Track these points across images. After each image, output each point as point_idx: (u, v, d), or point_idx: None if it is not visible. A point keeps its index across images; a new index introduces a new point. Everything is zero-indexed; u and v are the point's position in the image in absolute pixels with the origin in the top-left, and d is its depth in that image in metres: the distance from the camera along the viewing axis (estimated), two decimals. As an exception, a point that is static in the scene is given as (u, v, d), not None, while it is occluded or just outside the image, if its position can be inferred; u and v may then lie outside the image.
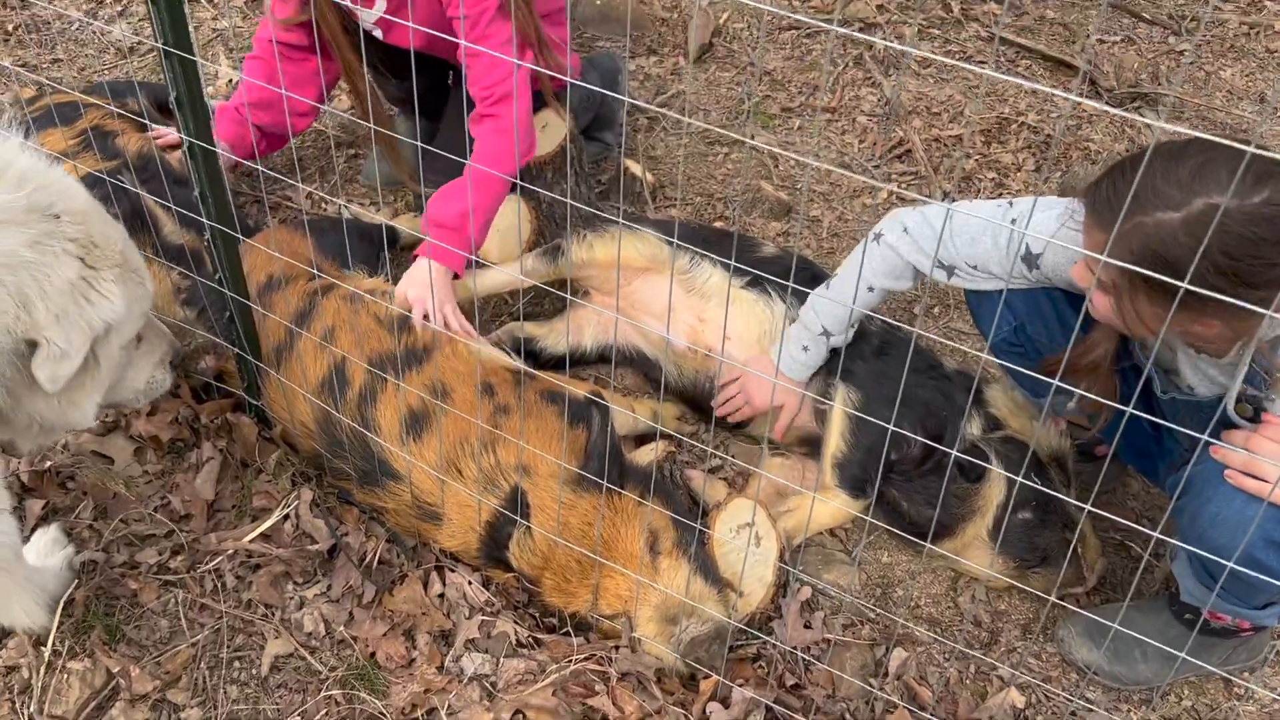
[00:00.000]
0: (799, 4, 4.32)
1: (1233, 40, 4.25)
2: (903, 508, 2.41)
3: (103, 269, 1.75)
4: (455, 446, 2.13)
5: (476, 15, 2.48)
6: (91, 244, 1.74)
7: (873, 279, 2.21)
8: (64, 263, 1.68)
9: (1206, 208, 1.56)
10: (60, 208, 1.71)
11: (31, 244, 1.64)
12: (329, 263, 2.59)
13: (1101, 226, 1.69)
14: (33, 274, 1.64)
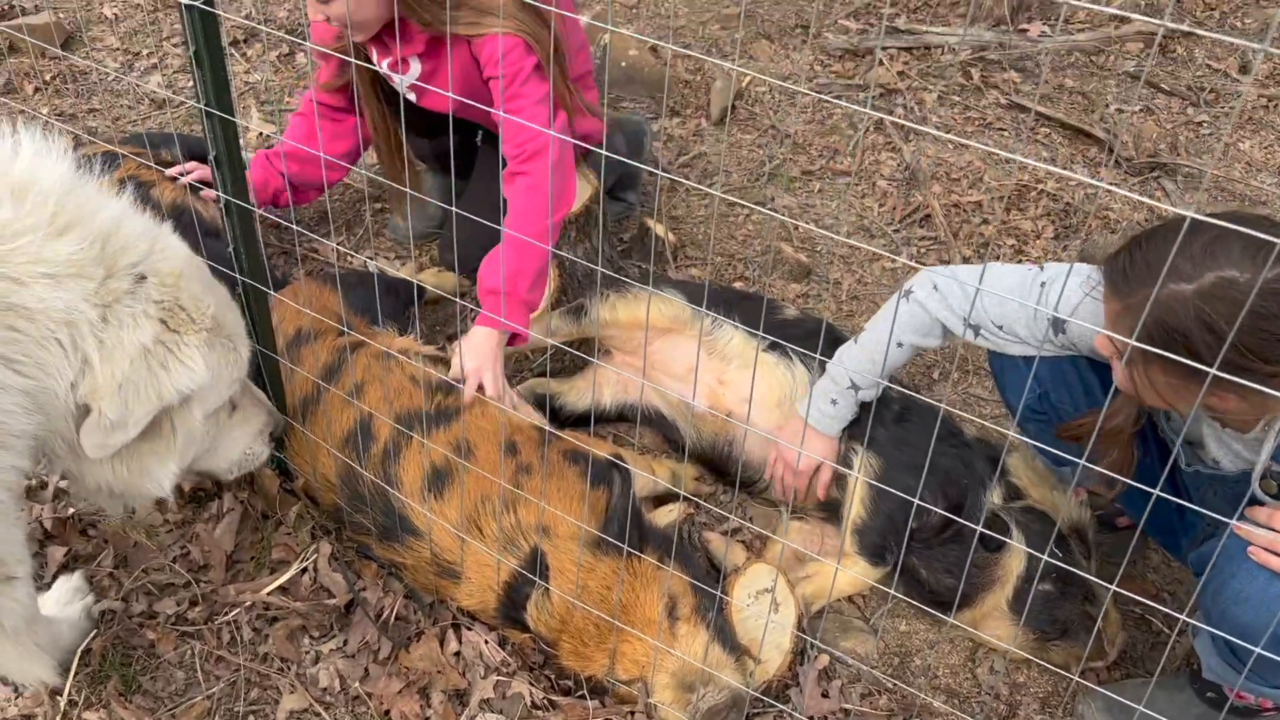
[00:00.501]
0: (820, 69, 4.39)
1: (1251, 113, 4.29)
2: (922, 576, 2.40)
3: (186, 334, 1.68)
4: (476, 505, 2.14)
5: (512, 75, 2.54)
6: (178, 307, 1.68)
7: (901, 335, 2.22)
8: (140, 327, 1.62)
9: (1218, 280, 1.57)
10: (150, 267, 1.66)
11: (100, 301, 1.59)
12: (358, 318, 2.62)
13: (1117, 297, 1.72)
14: (96, 333, 1.58)
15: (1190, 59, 4.59)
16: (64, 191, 1.60)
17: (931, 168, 3.84)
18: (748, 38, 4.58)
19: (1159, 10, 4.90)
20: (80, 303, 1.57)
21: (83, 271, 1.58)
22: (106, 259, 1.61)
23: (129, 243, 1.66)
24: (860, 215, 3.67)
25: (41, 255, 1.54)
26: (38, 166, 1.60)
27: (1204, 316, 1.57)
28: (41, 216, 1.55)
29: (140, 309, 1.63)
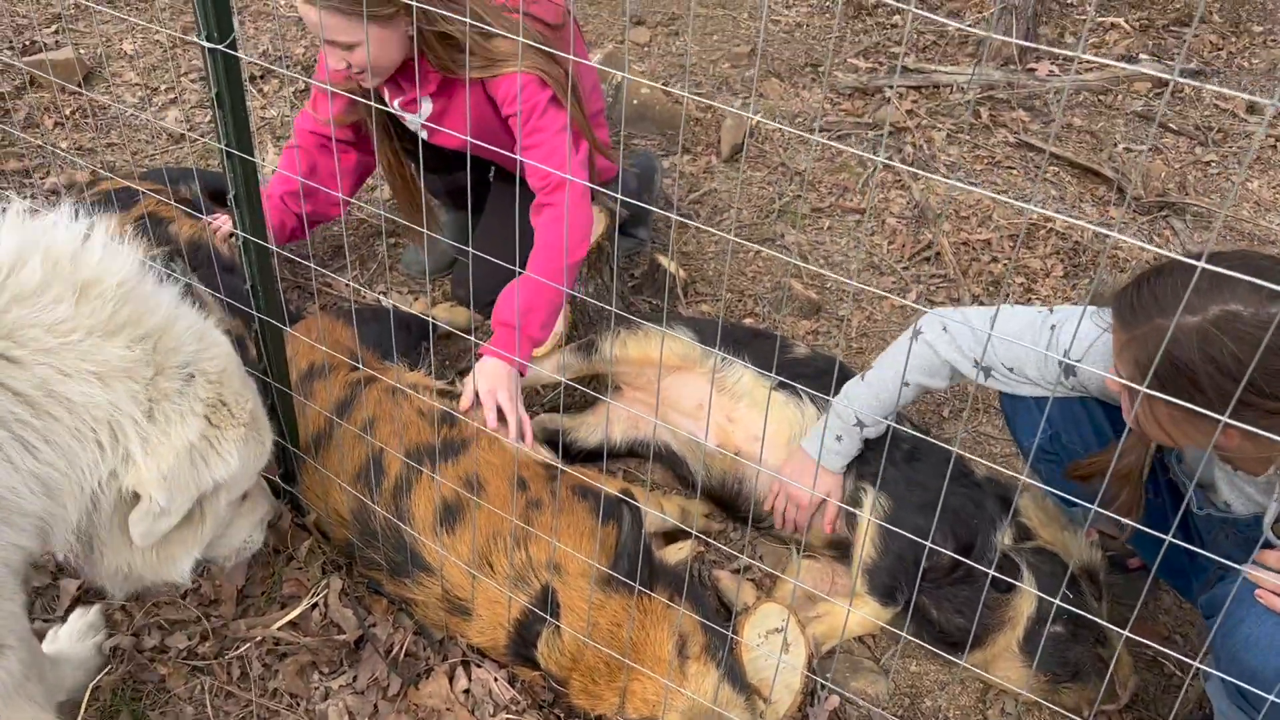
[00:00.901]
0: (830, 107, 4.43)
1: (1260, 153, 4.31)
2: (932, 616, 2.39)
3: (227, 429, 1.74)
4: (488, 541, 2.14)
5: (530, 109, 2.57)
6: (220, 404, 1.74)
7: (910, 375, 2.24)
8: (188, 424, 1.68)
9: (1222, 314, 1.59)
10: (198, 367, 1.72)
11: (147, 398, 1.63)
12: (370, 353, 2.64)
13: (1124, 329, 1.74)
14: (140, 429, 1.63)
15: (1198, 99, 4.62)
16: (125, 292, 1.63)
17: (941, 206, 3.87)
18: (758, 76, 4.62)
19: (1166, 51, 4.94)
20: (126, 401, 1.61)
21: (131, 373, 1.62)
22: (157, 359, 1.66)
23: (179, 342, 1.70)
24: (870, 252, 3.69)
25: (92, 354, 1.58)
26: (106, 264, 1.64)
27: (1208, 349, 1.59)
28: (99, 317, 1.59)
29: (188, 407, 1.69)
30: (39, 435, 1.54)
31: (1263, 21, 5.24)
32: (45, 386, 1.54)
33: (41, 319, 1.54)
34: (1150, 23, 5.16)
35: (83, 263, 1.62)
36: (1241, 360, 1.57)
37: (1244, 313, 1.58)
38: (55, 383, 1.54)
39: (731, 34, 4.94)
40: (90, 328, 1.59)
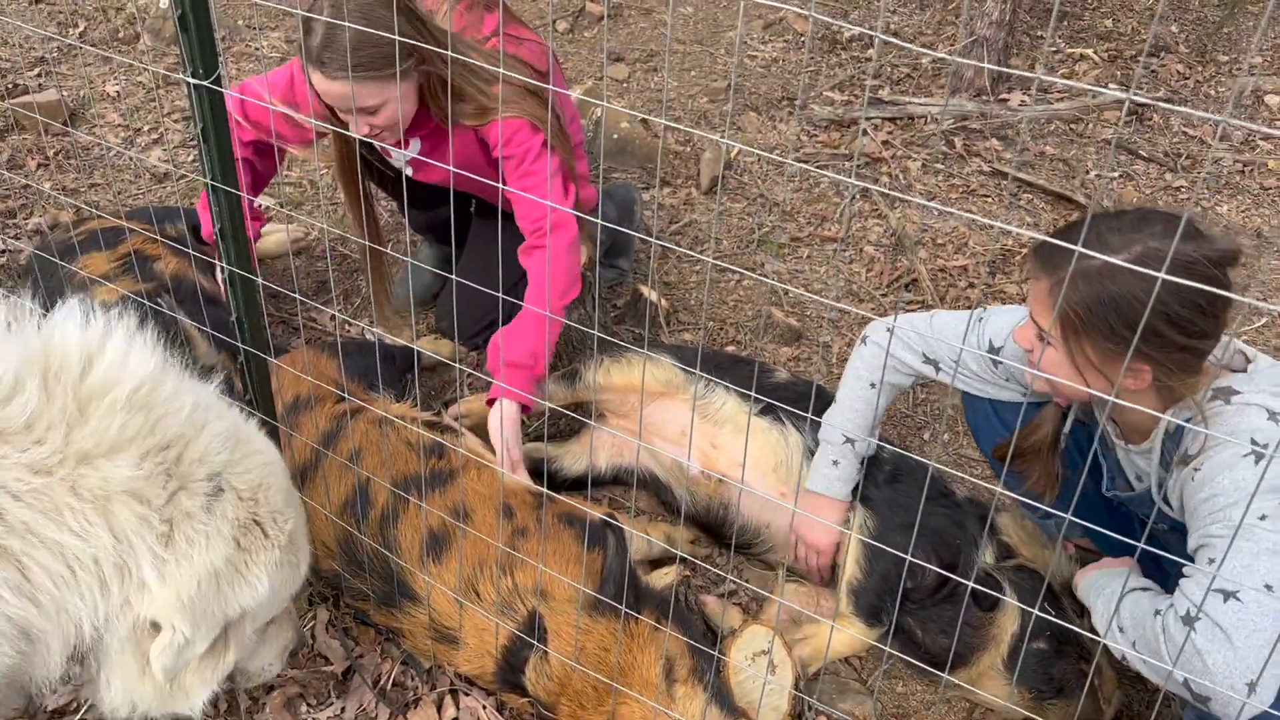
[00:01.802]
0: (807, 139, 4.50)
1: (1228, 178, 4.40)
2: (918, 636, 2.41)
3: (258, 554, 1.59)
4: (474, 569, 2.15)
5: (523, 154, 2.61)
6: (253, 524, 1.59)
7: (871, 376, 2.34)
8: (213, 547, 1.52)
9: (1146, 249, 1.73)
10: (228, 479, 1.57)
11: (163, 519, 1.47)
12: (356, 385, 2.66)
13: (1047, 273, 1.85)
14: (156, 554, 1.47)
15: (1167, 126, 4.72)
16: (139, 399, 1.49)
17: (917, 233, 3.93)
18: (736, 110, 4.70)
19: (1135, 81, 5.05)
20: (134, 527, 1.45)
21: (140, 493, 1.46)
22: (179, 471, 1.51)
23: (208, 451, 1.55)
24: (849, 280, 3.74)
25: (86, 483, 1.43)
26: (116, 372, 1.49)
27: (1138, 280, 1.71)
28: (103, 436, 1.45)
29: (214, 528, 1.53)
30: (9, 586, 1.38)
31: (1228, 51, 5.36)
32: (26, 531, 1.39)
33: (27, 457, 1.40)
34: (1119, 53, 5.27)
35: (90, 374, 1.48)
36: (1165, 293, 1.68)
37: (1164, 249, 1.71)
38: (39, 526, 1.40)
39: (709, 69, 5.02)
40: (85, 453, 1.43)
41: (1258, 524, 1.72)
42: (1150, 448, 1.97)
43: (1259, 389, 1.81)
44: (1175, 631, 1.73)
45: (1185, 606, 1.74)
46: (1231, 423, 1.80)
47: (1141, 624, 1.84)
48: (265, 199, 3.90)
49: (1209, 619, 1.69)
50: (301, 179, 4.07)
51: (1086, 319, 1.79)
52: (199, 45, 1.84)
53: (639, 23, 5.42)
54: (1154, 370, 1.81)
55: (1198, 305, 1.72)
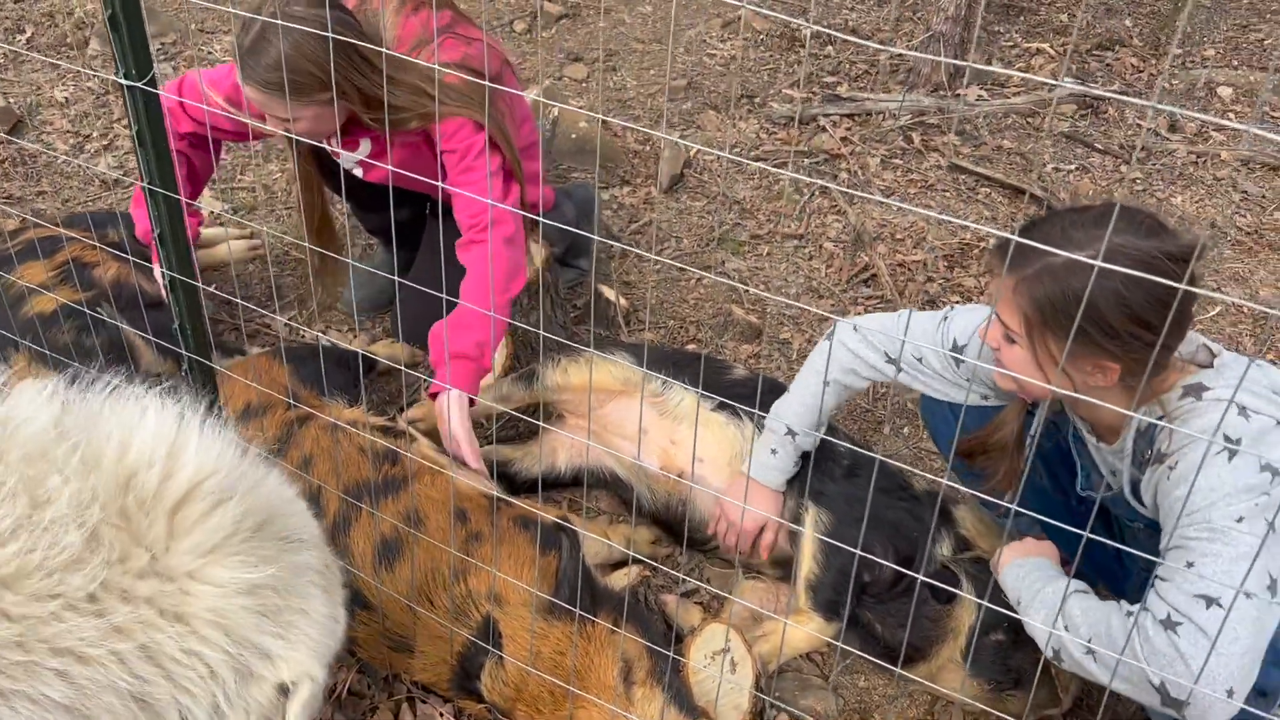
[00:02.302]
0: (766, 136, 4.50)
1: (1182, 169, 4.44)
2: (877, 630, 2.41)
3: (335, 590, 1.64)
4: (427, 576, 2.13)
5: (465, 150, 2.59)
6: (327, 568, 1.63)
7: (829, 375, 2.32)
8: (315, 597, 1.54)
9: (1112, 246, 1.71)
10: (302, 534, 1.58)
11: (249, 587, 1.45)
12: (307, 391, 2.62)
13: (1012, 272, 1.83)
14: (263, 615, 1.46)
15: (1122, 119, 4.75)
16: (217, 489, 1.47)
17: (876, 229, 3.93)
18: (695, 108, 4.69)
19: (1090, 74, 5.09)
20: (267, 586, 1.46)
21: (245, 587, 1.45)
22: (276, 532, 1.52)
23: (279, 508, 1.56)
24: (808, 277, 3.74)
25: (193, 598, 1.41)
26: (202, 463, 1.46)
27: (1102, 278, 1.68)
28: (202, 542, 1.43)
29: (308, 579, 1.55)
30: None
31: (1182, 45, 5.42)
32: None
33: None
34: (1074, 47, 5.31)
35: (179, 471, 1.45)
36: (1129, 287, 1.69)
37: (1128, 246, 1.70)
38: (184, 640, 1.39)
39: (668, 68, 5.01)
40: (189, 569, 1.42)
41: (1234, 526, 1.71)
42: (1122, 446, 1.97)
43: (1228, 384, 1.81)
44: (1155, 635, 1.71)
45: (1165, 611, 1.72)
46: (1205, 420, 1.80)
47: (1101, 624, 1.82)
48: (217, 204, 3.85)
49: (1192, 624, 1.68)
50: (255, 184, 4.02)
51: (1050, 317, 1.78)
52: (131, 45, 1.80)
53: (597, 22, 5.40)
54: (1121, 368, 1.80)
55: (1162, 302, 1.71)
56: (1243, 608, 1.65)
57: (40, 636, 1.29)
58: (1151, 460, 1.90)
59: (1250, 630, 1.67)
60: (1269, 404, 1.79)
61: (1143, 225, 1.74)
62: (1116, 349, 1.75)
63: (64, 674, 1.30)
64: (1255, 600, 1.67)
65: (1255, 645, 1.68)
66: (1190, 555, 1.72)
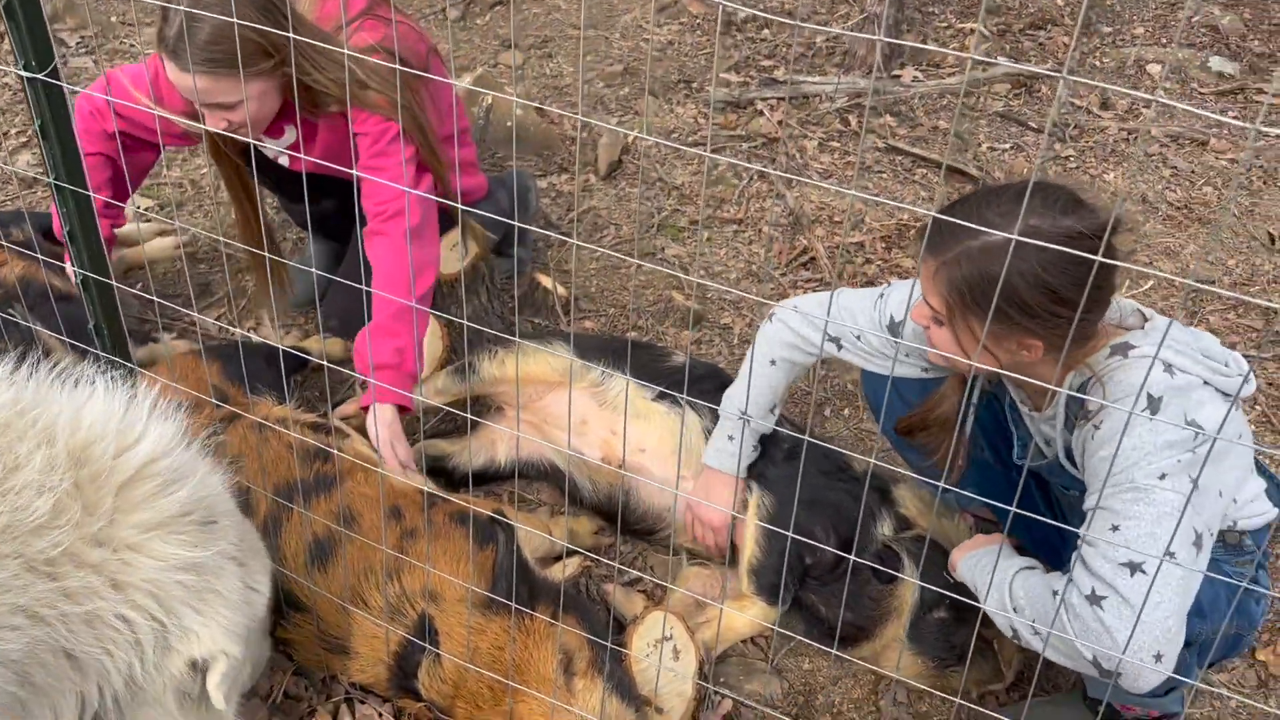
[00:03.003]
0: (704, 121, 4.48)
1: (1114, 145, 4.50)
2: (821, 612, 2.41)
3: (253, 561, 1.67)
4: (360, 576, 2.08)
5: (378, 134, 2.53)
6: (242, 540, 1.67)
7: (772, 352, 2.32)
8: (225, 570, 1.59)
9: (1026, 229, 1.72)
10: (215, 509, 1.63)
11: (187, 564, 1.53)
12: (235, 389, 2.56)
13: (934, 255, 1.84)
14: (187, 591, 1.53)
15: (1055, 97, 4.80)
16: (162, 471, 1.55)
17: (814, 212, 3.93)
18: (632, 94, 4.66)
19: (1024, 54, 5.13)
20: (166, 572, 1.51)
21: (179, 528, 1.54)
22: (194, 510, 1.58)
23: (208, 492, 1.62)
24: (748, 261, 3.73)
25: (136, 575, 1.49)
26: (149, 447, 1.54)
27: (1017, 263, 1.70)
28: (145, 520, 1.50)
29: (221, 556, 1.60)
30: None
31: (1111, 23, 5.48)
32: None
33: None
34: (1007, 27, 5.35)
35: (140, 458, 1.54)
36: (1047, 269, 1.70)
37: (1043, 226, 1.71)
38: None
39: (604, 54, 4.97)
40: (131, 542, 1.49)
41: (1157, 484, 1.71)
42: (1054, 413, 1.98)
43: (1154, 343, 1.82)
44: (1082, 610, 1.72)
45: (1090, 584, 1.72)
46: (1130, 375, 1.81)
47: (1040, 603, 1.83)
48: (144, 199, 3.75)
49: (1116, 594, 1.69)
50: (182, 179, 3.91)
51: (970, 300, 1.79)
52: (29, 36, 1.73)
53: (532, 8, 5.34)
54: (1044, 343, 1.81)
55: (1080, 279, 1.71)
56: (1167, 570, 1.67)
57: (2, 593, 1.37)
58: (1079, 418, 1.91)
59: (1175, 591, 1.68)
60: (1195, 363, 1.81)
61: (1058, 203, 1.74)
62: (1038, 327, 1.75)
63: (19, 630, 1.38)
64: (1179, 558, 1.69)
65: (1180, 605, 1.69)
66: (1114, 518, 1.73)
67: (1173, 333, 1.86)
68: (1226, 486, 1.83)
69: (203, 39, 2.30)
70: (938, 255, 1.82)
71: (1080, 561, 1.76)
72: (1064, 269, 1.70)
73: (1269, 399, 3.25)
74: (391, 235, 2.54)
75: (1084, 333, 1.83)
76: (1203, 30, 5.36)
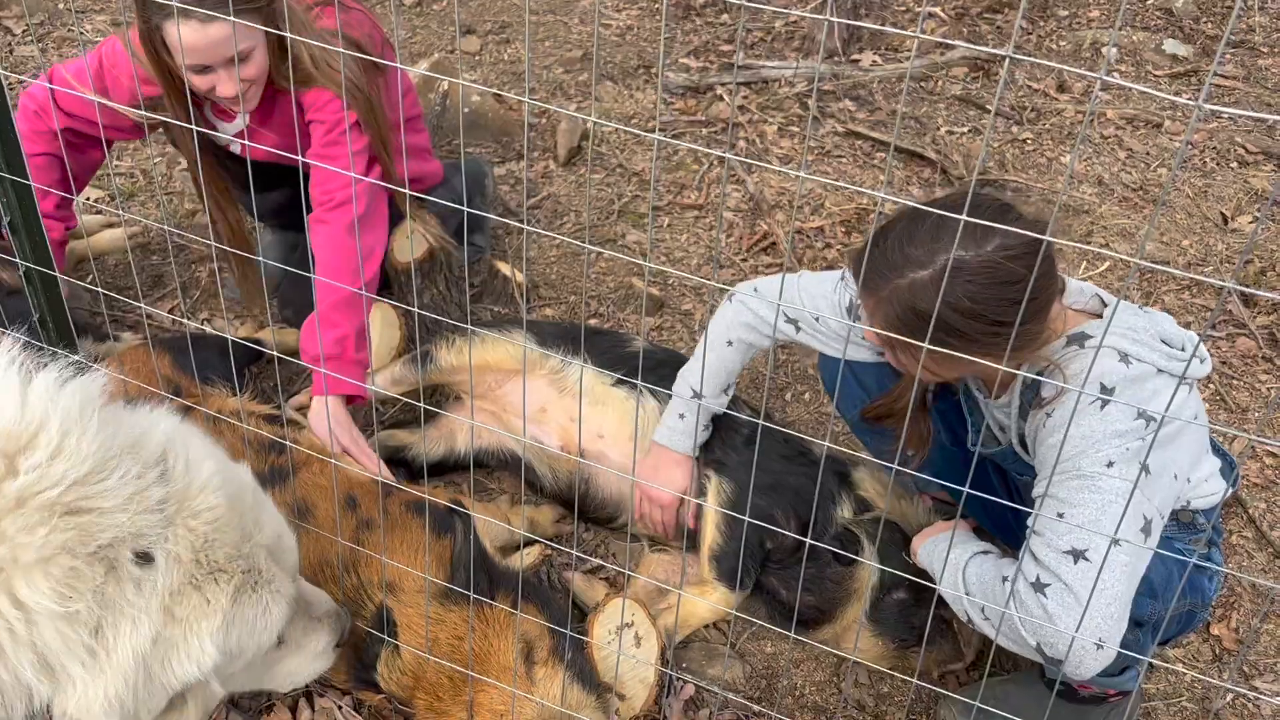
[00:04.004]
0: (664, 107, 4.47)
1: (1070, 128, 4.54)
2: (782, 596, 2.41)
3: (198, 622, 1.39)
4: (316, 570, 2.06)
5: (333, 123, 2.51)
6: (191, 589, 1.39)
7: (729, 333, 2.31)
8: (137, 626, 1.34)
9: (948, 263, 1.72)
10: (164, 547, 1.37)
11: (93, 612, 1.30)
12: (189, 381, 2.52)
13: (868, 294, 1.84)
14: (84, 644, 1.30)
15: (1012, 80, 4.83)
16: (67, 503, 1.31)
17: (774, 197, 3.93)
18: (591, 80, 4.63)
19: (981, 37, 5.16)
20: (60, 645, 1.29)
21: (69, 606, 1.28)
22: (90, 539, 1.32)
23: (140, 526, 1.35)
24: (709, 247, 3.73)
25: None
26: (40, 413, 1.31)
27: (946, 298, 1.71)
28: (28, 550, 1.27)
29: (142, 605, 1.35)
30: None
31: (1068, 6, 5.52)
32: None
33: None
34: (965, 10, 5.37)
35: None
36: (976, 299, 1.71)
37: (966, 257, 1.71)
38: None
39: (563, 39, 4.94)
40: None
41: (1104, 471, 1.73)
42: (1009, 400, 1.99)
43: (1111, 331, 1.83)
44: (1027, 597, 1.74)
45: (1035, 572, 1.74)
46: (1082, 367, 1.82)
47: (989, 589, 1.84)
48: (95, 190, 3.68)
49: (1060, 582, 1.70)
50: (133, 169, 3.84)
51: (909, 334, 1.76)
52: (-38, 21, 1.69)
53: (490, -6, 5.29)
54: (991, 358, 1.79)
55: (1014, 297, 1.71)
56: (1111, 558, 1.68)
57: None
58: (1034, 406, 1.92)
59: (1119, 577, 1.70)
60: (1152, 351, 1.81)
61: (981, 224, 1.70)
62: (978, 348, 1.73)
63: None
64: (1126, 546, 1.70)
65: (1124, 593, 1.71)
66: (1060, 505, 1.74)
67: (1130, 320, 1.86)
68: (1181, 469, 1.85)
69: None
70: (872, 293, 1.82)
71: (1028, 550, 1.78)
72: (994, 294, 1.70)
73: (1222, 377, 3.30)
74: (334, 224, 2.51)
75: (1031, 336, 1.82)
76: (1157, 14, 5.41)
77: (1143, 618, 1.85)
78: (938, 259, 1.73)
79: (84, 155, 2.80)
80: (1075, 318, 1.91)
